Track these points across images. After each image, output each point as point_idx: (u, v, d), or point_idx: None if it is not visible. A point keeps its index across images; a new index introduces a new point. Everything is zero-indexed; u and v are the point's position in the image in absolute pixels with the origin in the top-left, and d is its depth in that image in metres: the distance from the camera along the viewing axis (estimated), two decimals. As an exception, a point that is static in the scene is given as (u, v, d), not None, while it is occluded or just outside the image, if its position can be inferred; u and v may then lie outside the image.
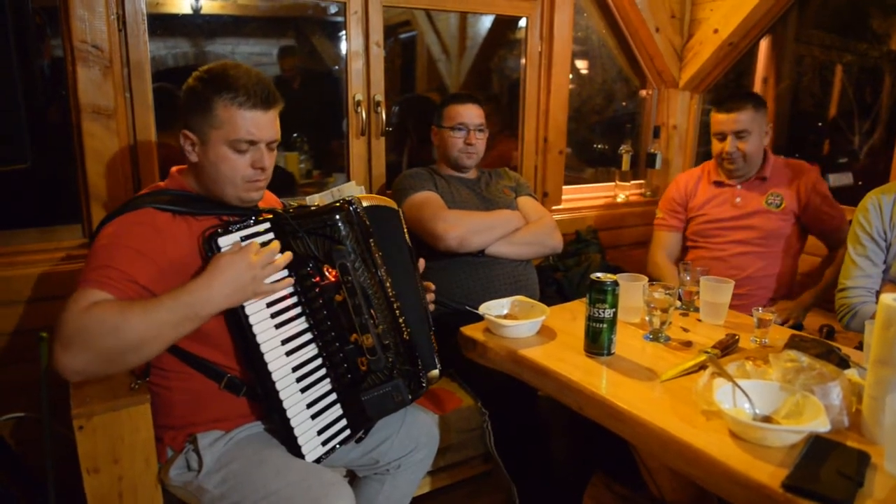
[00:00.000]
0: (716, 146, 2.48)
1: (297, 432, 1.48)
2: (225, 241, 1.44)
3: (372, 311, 1.51)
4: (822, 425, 1.18)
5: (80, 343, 1.25)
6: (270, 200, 1.77)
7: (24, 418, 1.99)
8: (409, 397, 1.57)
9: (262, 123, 1.46)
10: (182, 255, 1.43)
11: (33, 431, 1.99)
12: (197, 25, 2.43)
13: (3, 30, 1.64)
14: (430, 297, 1.79)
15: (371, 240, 1.52)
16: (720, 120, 2.42)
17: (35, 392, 1.87)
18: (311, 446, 1.50)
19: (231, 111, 1.43)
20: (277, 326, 1.48)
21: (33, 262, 1.99)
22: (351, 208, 1.50)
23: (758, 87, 3.55)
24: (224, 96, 1.42)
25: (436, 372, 1.66)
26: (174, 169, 1.59)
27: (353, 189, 2.29)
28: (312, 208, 1.54)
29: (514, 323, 1.74)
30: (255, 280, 1.40)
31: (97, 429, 1.39)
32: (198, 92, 1.45)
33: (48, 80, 2.17)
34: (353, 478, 1.75)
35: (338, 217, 1.48)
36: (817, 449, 1.17)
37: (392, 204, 1.70)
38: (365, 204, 1.55)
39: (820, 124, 3.84)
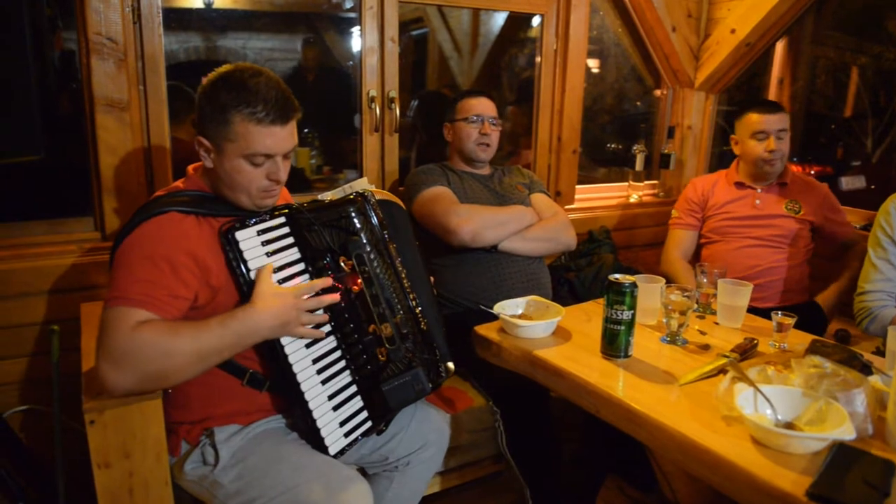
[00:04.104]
0: (755, 147, 2.49)
1: (319, 424, 1.48)
2: (242, 235, 1.44)
3: (389, 301, 1.52)
4: (847, 433, 1.16)
5: (131, 363, 1.27)
6: (283, 198, 1.76)
7: (34, 411, 1.99)
8: (430, 386, 1.57)
9: (280, 137, 1.43)
10: (208, 255, 1.42)
11: (43, 424, 1.98)
12: (209, 20, 2.42)
13: (19, 22, 1.63)
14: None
15: (385, 231, 1.53)
16: (763, 119, 2.46)
17: (45, 385, 1.87)
18: (334, 438, 1.50)
19: (248, 126, 1.39)
20: None
21: (44, 255, 1.98)
22: (365, 201, 1.51)
23: (773, 89, 3.52)
24: (242, 110, 1.38)
25: (452, 364, 1.66)
26: (191, 168, 1.57)
27: (364, 185, 2.26)
28: (327, 202, 1.54)
29: (529, 323, 1.72)
30: (297, 319, 1.42)
31: (108, 423, 1.37)
32: (214, 100, 1.40)
33: (59, 72, 2.16)
34: (362, 475, 1.74)
35: (352, 209, 1.49)
36: (842, 457, 1.15)
37: (401, 203, 1.71)
38: (378, 198, 1.56)
39: (833, 126, 3.81)
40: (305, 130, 2.72)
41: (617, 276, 1.58)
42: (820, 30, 3.51)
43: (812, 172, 3.64)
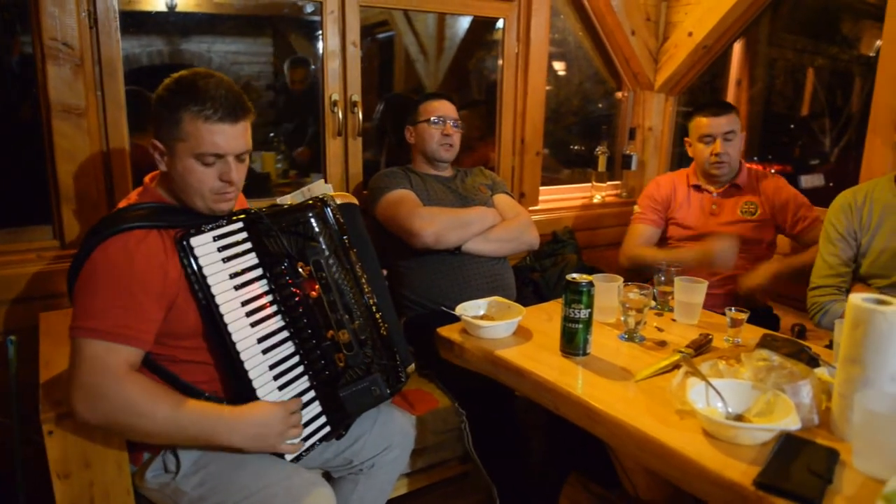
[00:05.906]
0: (703, 151, 2.52)
1: None
2: (197, 241, 1.43)
3: (347, 307, 1.52)
4: (792, 423, 1.20)
5: (104, 409, 1.29)
6: (241, 204, 1.75)
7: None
8: (388, 391, 1.58)
9: (230, 136, 1.42)
10: (173, 269, 1.41)
11: (3, 436, 1.95)
12: (171, 23, 2.39)
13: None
14: None
15: (345, 237, 1.53)
16: (709, 123, 2.48)
17: (4, 396, 1.84)
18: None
19: (197, 124, 1.39)
20: (253, 325, 1.47)
21: (2, 264, 1.95)
22: (324, 206, 1.51)
23: (731, 90, 3.59)
24: (191, 109, 1.38)
25: (412, 366, 1.68)
26: (148, 178, 1.55)
27: (322, 188, 2.29)
28: (285, 207, 1.54)
29: (490, 324, 1.74)
30: (280, 435, 1.43)
31: (67, 434, 1.36)
32: (166, 103, 1.41)
33: (17, 78, 2.13)
34: (327, 478, 1.74)
35: (311, 214, 1.49)
36: (788, 447, 1.18)
37: (353, 199, 1.70)
38: (338, 201, 1.56)
39: (792, 126, 3.89)
40: (271, 135, 2.71)
41: (574, 275, 1.61)
42: (776, 32, 3.59)
43: (773, 171, 3.72)
